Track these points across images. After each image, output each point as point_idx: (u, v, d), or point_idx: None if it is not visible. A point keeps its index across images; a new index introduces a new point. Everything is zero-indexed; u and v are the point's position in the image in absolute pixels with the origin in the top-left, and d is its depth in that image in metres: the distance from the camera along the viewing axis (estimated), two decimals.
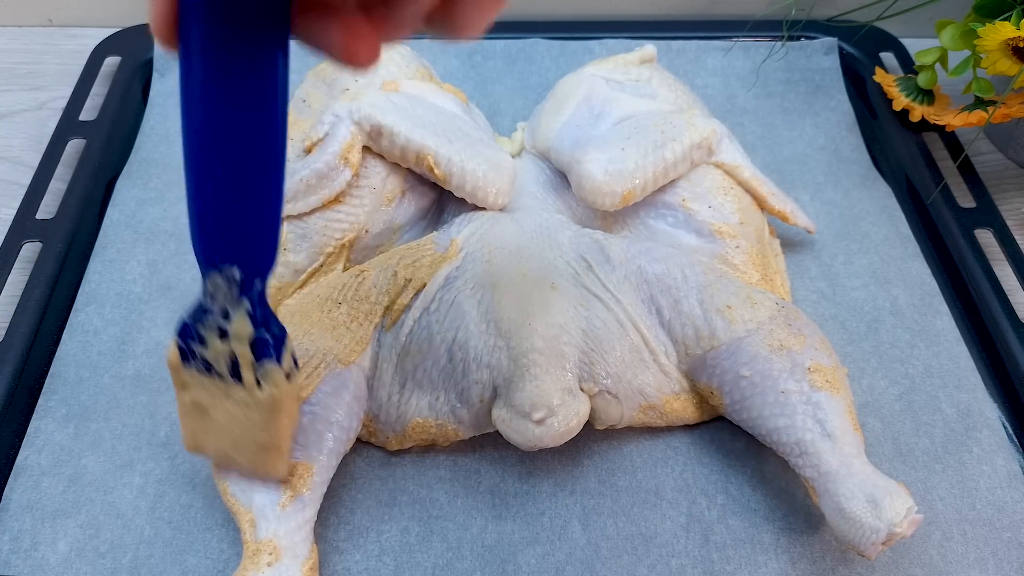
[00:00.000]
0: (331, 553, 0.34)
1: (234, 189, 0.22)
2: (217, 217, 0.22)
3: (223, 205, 0.22)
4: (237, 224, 0.22)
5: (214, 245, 0.23)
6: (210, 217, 0.22)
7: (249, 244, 0.23)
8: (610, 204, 0.39)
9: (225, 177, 0.22)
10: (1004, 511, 0.36)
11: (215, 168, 0.22)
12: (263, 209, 0.23)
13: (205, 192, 0.22)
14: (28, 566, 0.34)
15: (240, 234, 0.23)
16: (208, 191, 0.22)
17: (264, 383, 0.26)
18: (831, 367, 0.35)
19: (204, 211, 0.22)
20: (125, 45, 0.55)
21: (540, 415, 0.33)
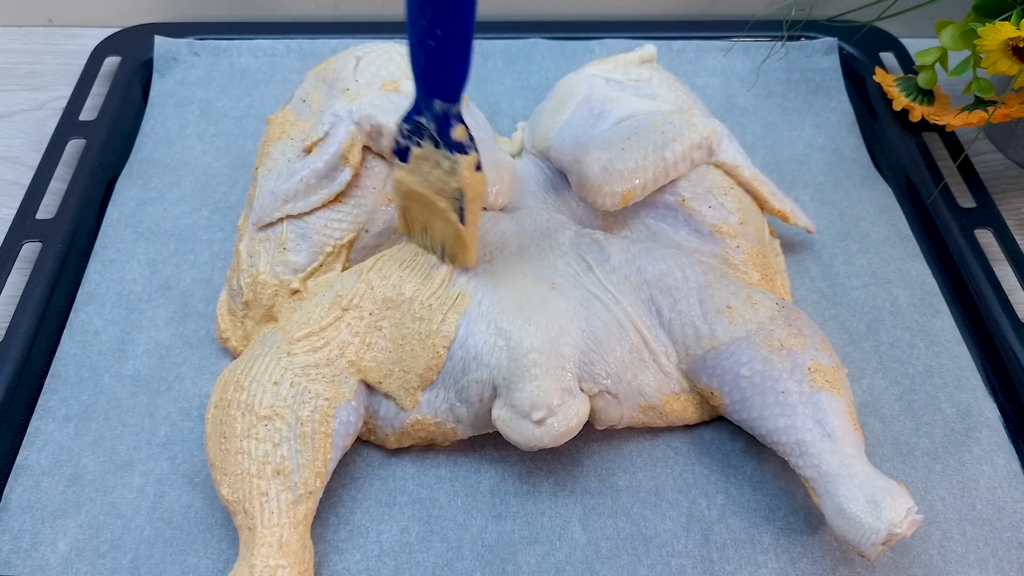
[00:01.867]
0: (331, 553, 0.34)
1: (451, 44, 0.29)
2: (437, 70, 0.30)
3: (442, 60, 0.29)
4: (449, 73, 0.30)
5: (435, 89, 0.31)
6: (432, 70, 0.30)
7: (458, 84, 0.31)
8: (610, 204, 0.39)
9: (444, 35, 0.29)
10: (1004, 511, 0.36)
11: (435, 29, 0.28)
12: (464, 60, 0.30)
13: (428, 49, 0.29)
14: (28, 566, 0.34)
15: (450, 80, 0.30)
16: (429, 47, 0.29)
17: (458, 168, 0.33)
18: (831, 367, 0.35)
19: (428, 66, 0.30)
20: (125, 45, 0.55)
21: (540, 415, 0.33)
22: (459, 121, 0.32)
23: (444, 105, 0.31)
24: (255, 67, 0.54)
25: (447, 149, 0.32)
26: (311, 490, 0.33)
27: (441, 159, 0.33)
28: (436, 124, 0.32)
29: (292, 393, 0.33)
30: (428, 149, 0.33)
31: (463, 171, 0.32)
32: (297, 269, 0.38)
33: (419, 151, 0.33)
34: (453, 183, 0.33)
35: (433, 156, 0.33)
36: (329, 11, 0.59)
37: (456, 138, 0.32)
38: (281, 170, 0.40)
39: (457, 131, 0.32)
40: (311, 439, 0.33)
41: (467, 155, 0.32)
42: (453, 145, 0.32)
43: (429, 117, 0.32)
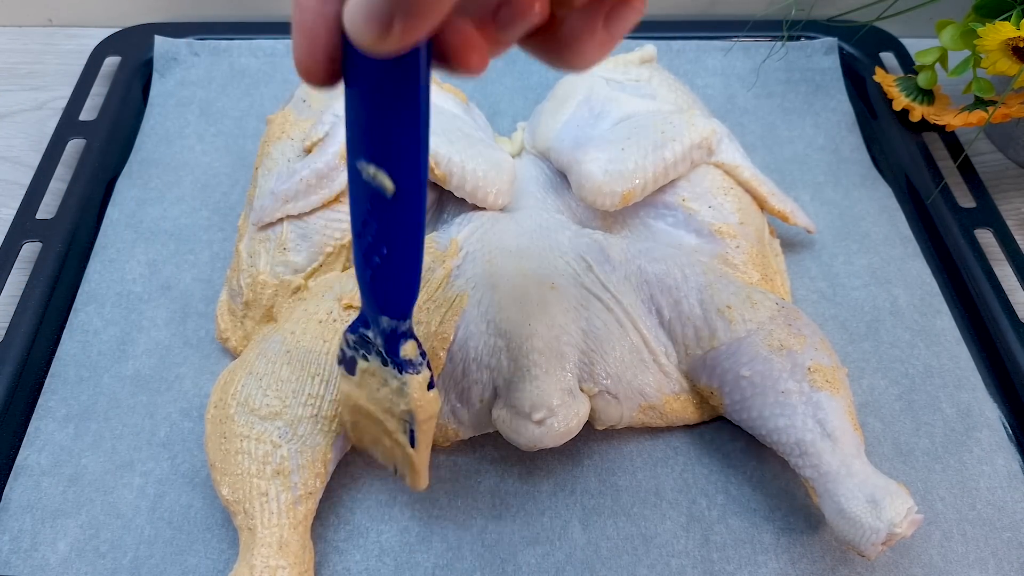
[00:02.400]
0: (331, 553, 0.34)
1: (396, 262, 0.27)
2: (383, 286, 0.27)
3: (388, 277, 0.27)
4: (396, 291, 0.28)
5: (381, 306, 0.28)
6: (377, 287, 0.28)
7: (406, 302, 0.28)
8: (610, 204, 0.39)
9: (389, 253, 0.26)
10: (1004, 511, 0.36)
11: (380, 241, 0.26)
12: (413, 277, 0.28)
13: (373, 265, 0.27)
14: (28, 566, 0.34)
15: (398, 298, 0.28)
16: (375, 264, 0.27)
17: (406, 389, 0.30)
18: (831, 367, 0.35)
19: (373, 283, 0.27)
20: (125, 45, 0.55)
21: (540, 415, 0.33)
22: (409, 338, 0.29)
23: (392, 322, 0.28)
24: (255, 67, 0.54)
25: (395, 368, 0.29)
26: (311, 490, 0.33)
27: (389, 378, 0.30)
28: (383, 341, 0.29)
29: (293, 393, 0.33)
30: (375, 365, 0.30)
31: (413, 392, 0.29)
32: (297, 269, 0.38)
33: (366, 365, 0.30)
34: (402, 404, 0.30)
35: (380, 373, 0.30)
36: None
37: (405, 356, 0.29)
38: (281, 170, 0.40)
39: (407, 348, 0.29)
40: (311, 439, 0.33)
41: (418, 374, 0.29)
42: (402, 364, 0.29)
43: (376, 332, 0.29)
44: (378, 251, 0.26)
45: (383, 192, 0.24)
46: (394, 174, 0.24)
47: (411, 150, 0.24)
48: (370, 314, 0.29)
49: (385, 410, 0.31)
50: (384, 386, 0.30)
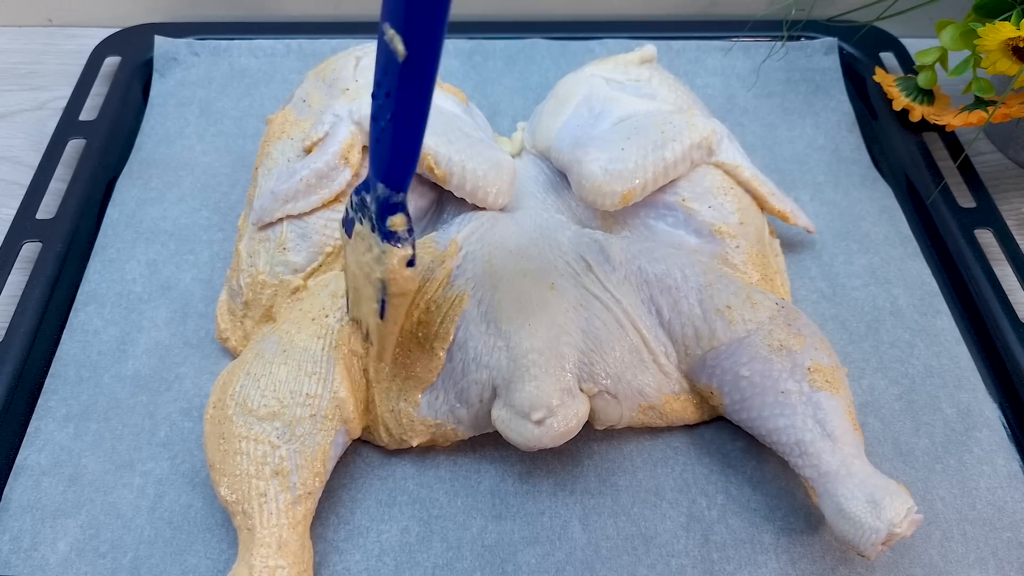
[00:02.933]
0: (331, 553, 0.34)
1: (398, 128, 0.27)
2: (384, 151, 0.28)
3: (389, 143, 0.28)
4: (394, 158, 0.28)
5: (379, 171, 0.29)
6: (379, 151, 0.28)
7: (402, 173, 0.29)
8: (610, 204, 0.39)
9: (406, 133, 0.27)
10: (1004, 511, 0.36)
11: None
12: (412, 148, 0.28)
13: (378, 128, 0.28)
14: (28, 566, 0.34)
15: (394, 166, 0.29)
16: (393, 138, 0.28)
17: (384, 258, 0.31)
18: (831, 367, 0.35)
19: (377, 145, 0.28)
20: (125, 45, 0.55)
21: (539, 415, 0.33)
22: (400, 211, 0.29)
23: (386, 191, 0.29)
24: (255, 67, 0.54)
25: (380, 236, 0.30)
26: (310, 491, 0.33)
27: (373, 244, 0.30)
28: (376, 207, 0.29)
29: (290, 393, 0.33)
30: (365, 229, 0.31)
31: (390, 262, 0.30)
32: (297, 269, 0.38)
33: (359, 228, 0.31)
34: (378, 272, 0.30)
35: (368, 238, 0.31)
36: (329, 11, 0.59)
37: (392, 227, 0.29)
38: (281, 170, 0.40)
39: (395, 220, 0.29)
40: (309, 439, 0.33)
41: (399, 248, 0.30)
42: (386, 234, 0.30)
43: (372, 197, 0.30)
44: (384, 115, 0.27)
45: (395, 56, 0.25)
46: (407, 39, 0.24)
47: (427, 19, 0.24)
48: (372, 179, 0.29)
49: (365, 275, 0.32)
50: (368, 252, 0.31)
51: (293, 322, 0.36)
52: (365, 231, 0.31)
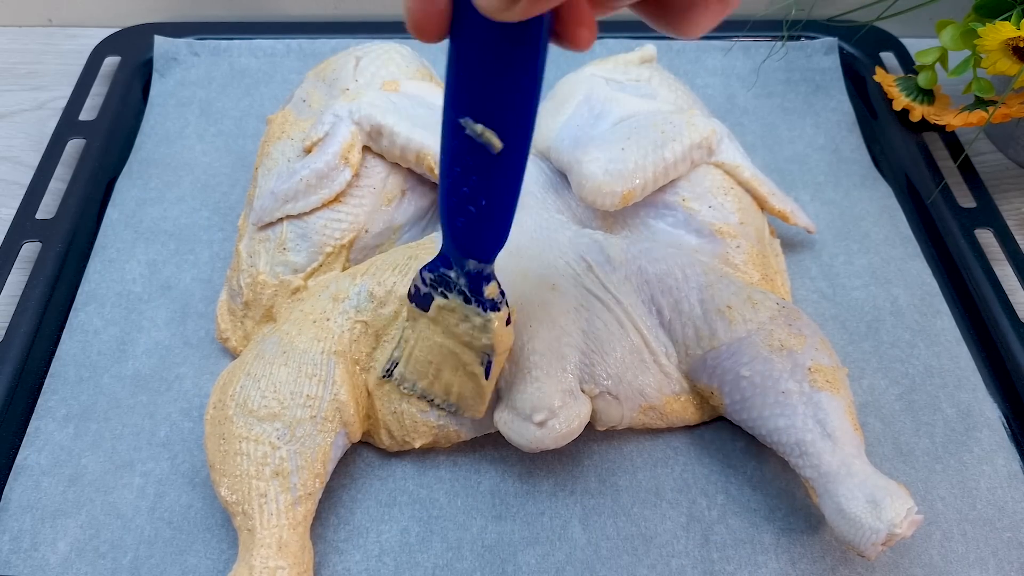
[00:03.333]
0: (331, 553, 0.34)
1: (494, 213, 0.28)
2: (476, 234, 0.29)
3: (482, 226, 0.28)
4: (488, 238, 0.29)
5: (470, 251, 0.29)
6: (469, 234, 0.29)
7: (495, 247, 0.30)
8: (610, 204, 0.39)
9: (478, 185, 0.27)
10: (1004, 511, 0.36)
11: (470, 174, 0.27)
12: (506, 225, 0.29)
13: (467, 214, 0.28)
14: (28, 566, 0.34)
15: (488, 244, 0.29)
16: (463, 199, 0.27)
17: (490, 326, 0.32)
18: (831, 367, 0.35)
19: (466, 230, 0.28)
20: (125, 45, 0.55)
21: (541, 417, 0.33)
22: (492, 279, 0.31)
23: (479, 265, 0.30)
24: (255, 67, 0.54)
25: (479, 307, 0.31)
26: (310, 491, 0.33)
27: (471, 315, 0.32)
28: (468, 282, 0.31)
29: (290, 394, 0.33)
30: (456, 303, 0.32)
31: (496, 329, 0.31)
32: (297, 269, 0.38)
33: (444, 302, 0.32)
34: (484, 339, 0.32)
35: (462, 310, 0.32)
36: (329, 11, 0.59)
37: (489, 296, 0.31)
38: (281, 170, 0.40)
39: (490, 288, 0.31)
40: (310, 440, 0.33)
41: (499, 312, 0.31)
42: (486, 303, 0.31)
43: (459, 273, 0.31)
44: (475, 202, 0.27)
45: (490, 149, 0.25)
46: (503, 133, 0.25)
47: (523, 113, 0.25)
48: (454, 257, 0.30)
49: (464, 344, 0.33)
50: (464, 322, 0.32)
51: (294, 323, 0.36)
52: (455, 304, 0.32)
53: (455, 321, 0.32)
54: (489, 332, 0.31)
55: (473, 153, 0.25)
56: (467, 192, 0.27)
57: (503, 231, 0.29)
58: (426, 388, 0.35)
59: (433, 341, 0.33)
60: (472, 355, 0.33)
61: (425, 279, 0.32)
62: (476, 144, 0.25)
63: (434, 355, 0.34)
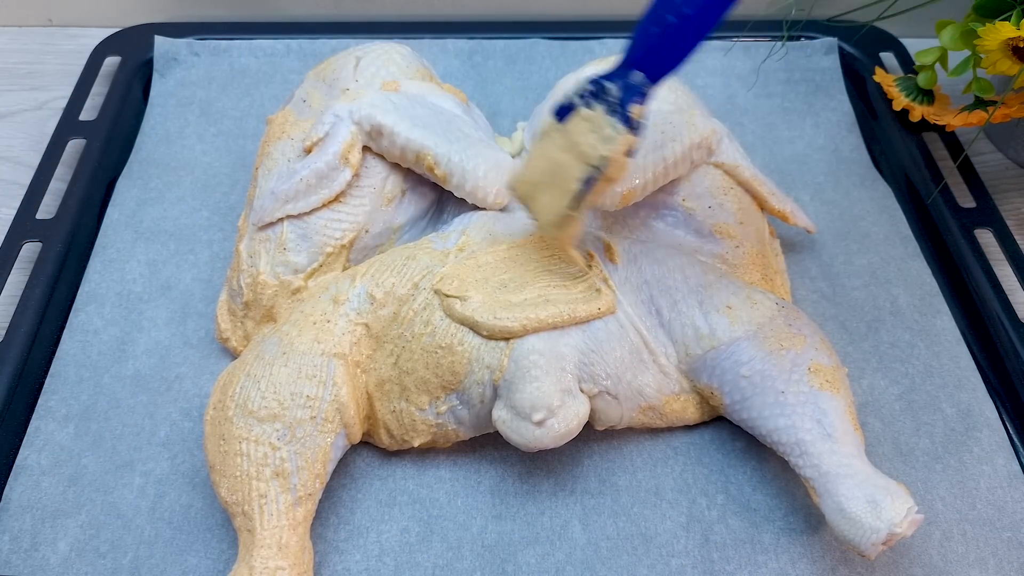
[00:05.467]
0: (331, 553, 0.34)
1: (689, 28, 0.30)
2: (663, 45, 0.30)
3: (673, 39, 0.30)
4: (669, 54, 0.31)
5: (645, 61, 0.31)
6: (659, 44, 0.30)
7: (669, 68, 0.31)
8: (610, 204, 0.39)
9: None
10: (1004, 511, 0.36)
11: None
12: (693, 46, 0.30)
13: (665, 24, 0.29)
14: (28, 566, 0.34)
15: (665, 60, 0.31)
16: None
17: (616, 140, 0.32)
18: (831, 367, 0.35)
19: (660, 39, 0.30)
20: (125, 45, 0.55)
21: (540, 416, 0.33)
22: (645, 102, 0.31)
23: (643, 80, 0.31)
24: (255, 67, 0.54)
25: (619, 119, 0.31)
26: (310, 492, 0.33)
27: (606, 125, 0.32)
28: (624, 93, 0.31)
29: (291, 395, 0.33)
30: (598, 112, 0.32)
31: (619, 145, 0.31)
32: (297, 269, 0.38)
33: (586, 112, 0.32)
34: (603, 150, 0.32)
35: (598, 120, 0.32)
36: (329, 11, 0.59)
37: (633, 114, 0.31)
38: (281, 170, 0.40)
39: (639, 109, 0.31)
40: (310, 441, 0.33)
41: (633, 134, 0.32)
42: (627, 118, 0.31)
43: (620, 84, 0.31)
44: (678, 10, 0.29)
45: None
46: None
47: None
48: (625, 66, 0.31)
49: (580, 154, 0.32)
50: (593, 132, 0.32)
51: (294, 324, 0.36)
52: (596, 115, 0.32)
53: (584, 131, 0.32)
54: (612, 145, 0.31)
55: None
56: (677, 1, 0.28)
57: (687, 52, 0.30)
58: (520, 192, 0.35)
59: (551, 152, 0.33)
60: (581, 168, 0.32)
61: (583, 91, 0.32)
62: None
63: (543, 160, 0.34)
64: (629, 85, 0.31)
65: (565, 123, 0.33)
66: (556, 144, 0.33)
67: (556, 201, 0.33)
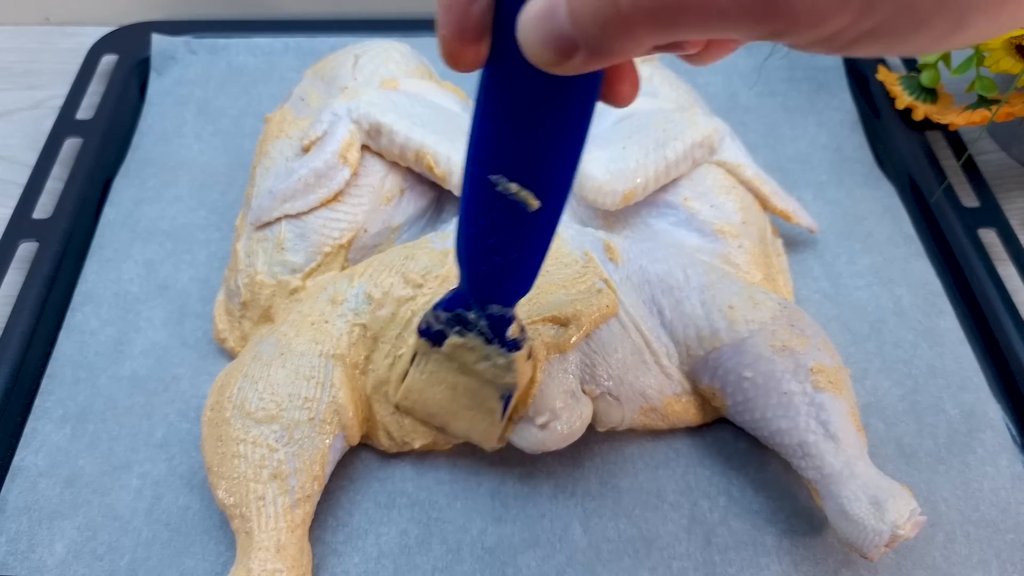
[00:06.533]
0: (329, 556, 0.34)
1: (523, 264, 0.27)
2: (501, 282, 0.27)
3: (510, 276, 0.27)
4: (514, 287, 0.28)
5: (493, 297, 0.28)
6: (493, 282, 0.27)
7: (520, 294, 0.28)
8: (611, 203, 0.38)
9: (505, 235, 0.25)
10: (1008, 512, 0.35)
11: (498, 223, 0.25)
12: (534, 274, 0.27)
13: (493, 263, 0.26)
14: (25, 568, 0.33)
15: (513, 291, 0.28)
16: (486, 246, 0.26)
17: (514, 365, 0.31)
18: (834, 368, 0.35)
19: (489, 278, 0.27)
20: (122, 43, 0.54)
21: (543, 419, 0.32)
22: (513, 320, 0.30)
23: (502, 309, 0.29)
24: (253, 65, 0.54)
25: (502, 347, 0.30)
26: (309, 494, 0.32)
27: (494, 355, 0.30)
28: (489, 324, 0.29)
29: (288, 396, 0.33)
30: (475, 342, 0.30)
31: (520, 367, 0.31)
32: (295, 269, 0.38)
33: (461, 341, 0.31)
34: (508, 378, 0.31)
35: (482, 350, 0.31)
36: (327, 9, 0.59)
37: (511, 336, 0.30)
38: (279, 169, 0.40)
39: (513, 329, 0.30)
40: (308, 442, 0.33)
41: (522, 349, 0.30)
42: (509, 344, 0.30)
43: (479, 315, 0.29)
44: (503, 253, 0.26)
45: (524, 207, 0.23)
46: (542, 193, 0.23)
47: (565, 173, 0.23)
48: (475, 301, 0.29)
49: (485, 382, 0.32)
50: (485, 361, 0.31)
51: (291, 325, 0.35)
52: (475, 344, 0.30)
53: (474, 359, 0.31)
54: (513, 372, 0.31)
55: (504, 210, 0.24)
56: (494, 243, 0.25)
57: (531, 279, 0.27)
58: (438, 422, 0.34)
59: (446, 377, 0.32)
60: (491, 391, 0.32)
61: (439, 317, 0.31)
62: (508, 201, 0.23)
63: (447, 391, 0.33)
64: (491, 316, 0.29)
65: (444, 349, 0.31)
66: (447, 368, 0.32)
67: (483, 421, 0.33)
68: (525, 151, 0.22)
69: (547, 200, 0.23)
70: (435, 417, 0.34)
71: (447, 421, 0.34)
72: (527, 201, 0.23)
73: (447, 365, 0.32)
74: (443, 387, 0.33)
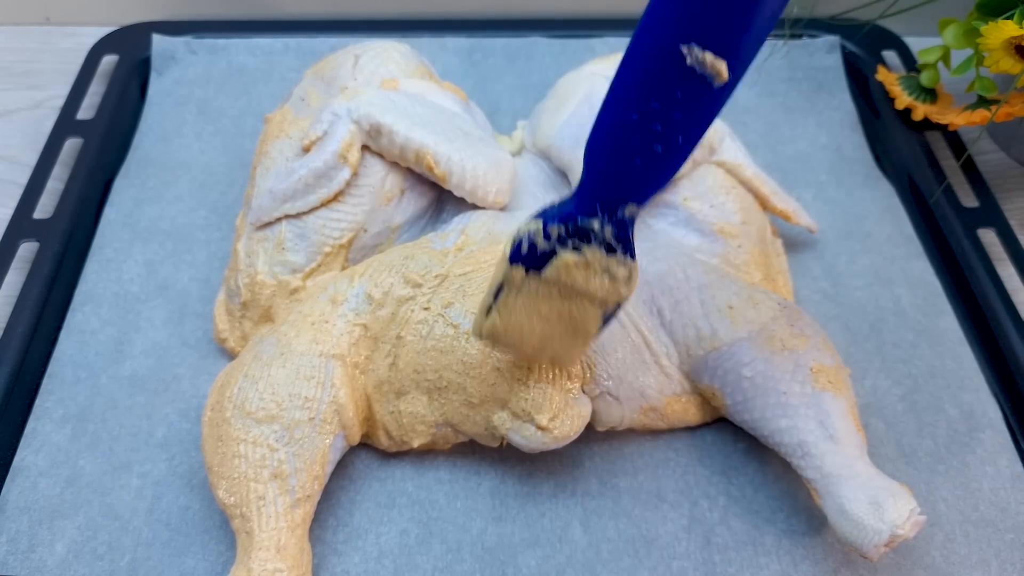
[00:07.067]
0: (329, 555, 0.34)
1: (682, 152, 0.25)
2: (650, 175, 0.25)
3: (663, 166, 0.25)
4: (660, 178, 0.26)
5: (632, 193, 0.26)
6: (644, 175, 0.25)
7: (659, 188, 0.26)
8: None
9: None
10: (1007, 512, 0.35)
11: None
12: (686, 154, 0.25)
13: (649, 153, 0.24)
14: (26, 568, 0.33)
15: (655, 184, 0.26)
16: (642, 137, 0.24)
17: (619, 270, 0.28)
18: (834, 368, 0.35)
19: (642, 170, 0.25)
20: (122, 43, 0.54)
21: (543, 419, 0.32)
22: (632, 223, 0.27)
23: (635, 208, 0.26)
24: (253, 65, 0.54)
25: (626, 255, 0.27)
26: (309, 493, 0.32)
27: (615, 266, 0.28)
28: (616, 230, 0.27)
29: (289, 396, 0.33)
30: (595, 255, 0.27)
31: (634, 274, 0.28)
32: (295, 269, 0.38)
33: (577, 258, 0.27)
34: (624, 291, 0.28)
35: (602, 263, 0.28)
36: (328, 9, 0.59)
37: (632, 240, 0.27)
38: (279, 169, 0.40)
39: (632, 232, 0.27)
40: (308, 442, 0.33)
41: (635, 259, 0.28)
42: (632, 250, 0.27)
43: (605, 221, 0.27)
44: (667, 140, 0.23)
45: (710, 80, 0.22)
46: (733, 62, 0.21)
47: (760, 36, 0.21)
48: (603, 203, 0.26)
49: (592, 302, 0.29)
50: (602, 275, 0.28)
51: (292, 325, 0.36)
52: (595, 257, 0.27)
53: (587, 277, 0.28)
54: (633, 281, 0.28)
55: (685, 84, 0.21)
56: (659, 130, 0.23)
57: (678, 168, 0.25)
58: (527, 353, 0.31)
59: (541, 306, 0.29)
60: (594, 312, 0.29)
61: (551, 233, 0.27)
62: (694, 75, 0.21)
63: (540, 321, 0.29)
64: (621, 221, 0.27)
65: (548, 273, 0.28)
66: (544, 296, 0.29)
67: (575, 348, 0.31)
68: (724, 10, 0.21)
69: (735, 71, 0.22)
70: (523, 348, 0.31)
71: (536, 352, 0.31)
72: (719, 73, 0.21)
73: (545, 291, 0.29)
74: (537, 317, 0.29)
